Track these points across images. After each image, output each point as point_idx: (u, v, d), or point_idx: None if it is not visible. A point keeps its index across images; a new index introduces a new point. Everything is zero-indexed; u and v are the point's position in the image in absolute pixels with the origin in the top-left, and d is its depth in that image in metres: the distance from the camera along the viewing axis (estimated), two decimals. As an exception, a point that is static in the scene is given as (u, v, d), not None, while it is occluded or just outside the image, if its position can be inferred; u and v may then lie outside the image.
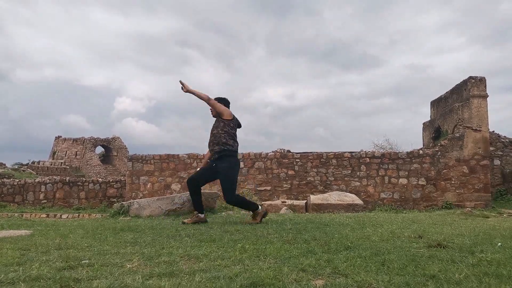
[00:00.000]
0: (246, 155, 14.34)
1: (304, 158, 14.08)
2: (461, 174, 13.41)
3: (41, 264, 2.28)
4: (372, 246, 2.90)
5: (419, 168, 13.57)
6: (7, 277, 1.97)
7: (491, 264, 2.31)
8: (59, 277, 1.96)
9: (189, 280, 1.93)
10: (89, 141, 33.25)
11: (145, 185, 14.39)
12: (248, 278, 1.93)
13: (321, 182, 13.81)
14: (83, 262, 2.34)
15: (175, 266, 2.26)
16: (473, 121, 13.50)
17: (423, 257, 2.49)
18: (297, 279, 1.97)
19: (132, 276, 2.01)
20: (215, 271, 2.10)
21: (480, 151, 13.46)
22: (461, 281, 1.93)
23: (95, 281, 1.91)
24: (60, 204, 15.09)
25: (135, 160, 14.70)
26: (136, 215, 6.37)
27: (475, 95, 13.58)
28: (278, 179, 13.99)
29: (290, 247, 2.88)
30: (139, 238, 3.42)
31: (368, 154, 13.98)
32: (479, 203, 12.98)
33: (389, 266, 2.24)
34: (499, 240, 3.31)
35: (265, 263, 2.31)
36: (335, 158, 13.96)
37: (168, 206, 6.22)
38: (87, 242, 3.24)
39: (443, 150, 13.60)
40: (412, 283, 1.90)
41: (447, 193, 13.38)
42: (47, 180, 15.63)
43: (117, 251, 2.74)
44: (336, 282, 1.92)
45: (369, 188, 13.62)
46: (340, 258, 2.46)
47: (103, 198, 15.33)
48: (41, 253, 2.71)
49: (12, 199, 15.11)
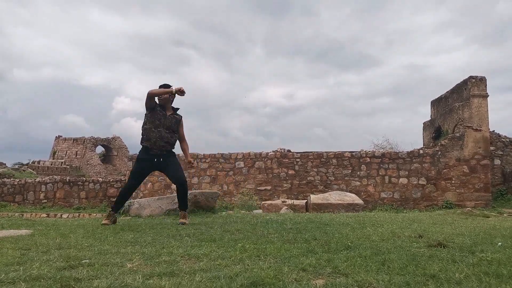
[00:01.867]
0: (246, 155, 14.34)
1: (305, 157, 14.08)
2: (461, 173, 13.40)
3: (42, 264, 2.28)
4: (373, 246, 2.90)
5: (419, 167, 13.57)
6: (8, 277, 1.97)
7: (491, 263, 2.31)
8: (60, 277, 1.96)
9: (189, 280, 1.93)
10: (89, 141, 33.26)
11: (146, 184, 14.39)
12: (249, 277, 1.93)
13: (321, 182, 13.81)
14: (83, 262, 2.34)
15: (176, 265, 2.26)
16: (473, 120, 13.49)
17: (424, 257, 2.49)
18: (298, 278, 1.97)
19: (132, 275, 2.01)
20: (215, 271, 2.11)
21: (480, 150, 13.46)
22: (461, 280, 1.93)
23: (96, 280, 1.91)
24: (60, 203, 15.09)
25: (135, 160, 14.69)
26: (136, 215, 6.38)
27: (476, 94, 13.57)
28: (279, 178, 13.99)
29: (290, 246, 2.88)
30: (139, 238, 3.42)
31: (368, 154, 13.98)
32: (479, 202, 12.97)
33: (389, 265, 2.24)
34: (500, 239, 3.31)
35: (265, 263, 2.31)
36: (336, 158, 13.96)
37: (169, 205, 6.22)
38: (87, 241, 3.24)
39: (444, 149, 13.59)
40: (413, 282, 1.90)
41: (448, 192, 13.38)
42: (47, 180, 15.63)
43: (118, 251, 2.74)
44: (336, 281, 1.92)
45: (369, 188, 13.62)
46: (341, 257, 2.46)
47: (103, 198, 15.33)
48: (41, 252, 2.71)
49: (12, 199, 15.12)
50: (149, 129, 4.71)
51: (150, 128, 4.71)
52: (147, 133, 4.73)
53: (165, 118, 4.76)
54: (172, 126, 4.80)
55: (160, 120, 4.73)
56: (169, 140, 4.78)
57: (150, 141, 4.71)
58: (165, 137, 4.73)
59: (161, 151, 4.75)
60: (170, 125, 4.77)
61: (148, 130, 4.72)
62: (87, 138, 33.54)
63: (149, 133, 4.71)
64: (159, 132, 4.70)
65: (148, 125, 4.73)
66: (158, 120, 4.72)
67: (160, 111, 4.76)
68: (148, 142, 4.73)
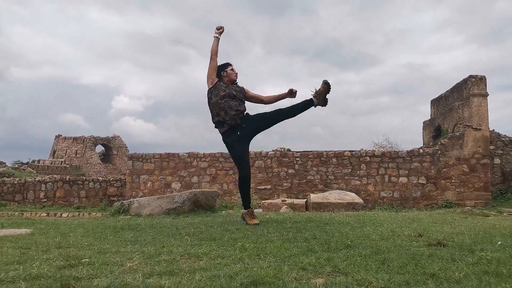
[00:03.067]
0: (246, 154, 14.33)
1: (304, 157, 14.08)
2: (461, 173, 13.41)
3: (42, 263, 2.28)
4: (372, 245, 2.90)
5: (419, 167, 13.57)
6: (8, 276, 1.97)
7: (491, 262, 2.30)
8: (60, 276, 1.96)
9: (189, 279, 1.93)
10: (89, 140, 33.26)
11: (145, 184, 14.40)
12: (248, 276, 1.93)
13: (321, 181, 13.82)
14: (83, 261, 2.34)
15: (176, 264, 2.26)
16: (473, 120, 13.50)
17: (423, 256, 2.49)
18: (297, 277, 1.97)
19: (132, 274, 2.01)
20: (215, 270, 2.11)
21: (480, 150, 13.46)
22: (461, 279, 1.93)
23: (96, 279, 1.91)
24: (60, 203, 15.10)
25: (135, 159, 14.70)
26: (136, 214, 6.38)
27: (476, 93, 13.57)
28: (278, 177, 14.00)
29: (290, 245, 2.88)
30: (139, 237, 3.42)
31: (368, 153, 13.98)
32: (479, 201, 12.98)
33: (389, 264, 2.24)
34: (499, 238, 3.31)
35: (265, 262, 2.31)
36: (335, 157, 13.96)
37: (169, 205, 6.22)
38: (87, 240, 3.24)
39: (443, 149, 13.60)
40: (412, 281, 1.90)
41: (447, 191, 13.38)
42: (47, 179, 15.64)
43: (118, 250, 2.74)
44: (336, 280, 1.92)
45: (369, 187, 13.62)
46: (340, 256, 2.46)
47: (103, 197, 15.34)
48: (41, 251, 2.71)
49: (12, 198, 15.12)
50: (215, 102, 4.41)
51: (217, 101, 4.40)
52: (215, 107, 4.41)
53: (229, 87, 4.46)
54: (238, 95, 4.51)
55: (225, 90, 4.43)
56: (239, 108, 4.48)
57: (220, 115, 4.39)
58: (234, 106, 4.41)
59: (235, 121, 4.40)
60: (235, 94, 4.48)
61: (214, 103, 4.41)
62: (87, 137, 33.54)
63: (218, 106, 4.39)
64: (226, 102, 4.40)
65: (214, 98, 4.43)
66: (223, 91, 4.42)
67: (222, 84, 4.48)
68: (220, 116, 4.40)
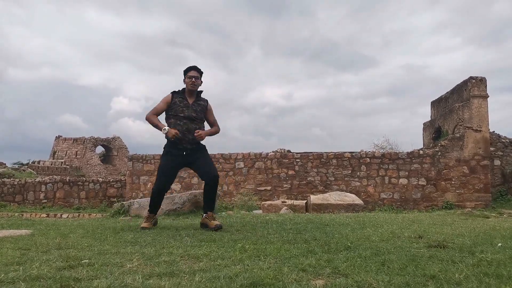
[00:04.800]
0: (246, 155, 14.34)
1: (304, 158, 14.08)
2: (461, 174, 13.40)
3: (41, 264, 2.28)
4: (372, 246, 2.90)
5: (419, 168, 13.57)
6: (8, 277, 1.97)
7: (491, 264, 2.30)
8: (59, 277, 1.96)
9: (189, 280, 1.93)
10: (89, 141, 33.24)
11: (146, 184, 14.40)
12: (248, 278, 1.93)
13: (321, 182, 13.81)
14: (83, 262, 2.34)
15: (175, 265, 2.26)
16: (473, 121, 13.50)
17: (423, 257, 2.49)
18: (297, 279, 1.97)
19: (132, 275, 2.01)
20: (215, 271, 2.11)
21: (480, 151, 13.46)
22: (461, 281, 1.93)
23: (95, 280, 1.91)
24: (60, 203, 15.09)
25: (135, 160, 14.70)
26: (136, 215, 6.38)
27: (476, 95, 13.58)
28: (278, 179, 13.99)
29: (290, 247, 2.88)
30: (139, 238, 3.41)
31: (368, 154, 13.98)
32: (479, 203, 12.98)
33: (389, 266, 2.24)
34: (499, 240, 3.31)
35: (265, 263, 2.31)
36: (335, 158, 13.96)
37: (169, 206, 6.22)
38: (87, 241, 3.24)
39: (443, 150, 13.59)
40: (412, 283, 1.90)
41: (447, 193, 13.38)
42: (47, 180, 15.63)
43: (117, 251, 2.74)
44: (336, 282, 1.92)
45: (369, 188, 13.62)
46: (340, 258, 2.46)
47: (103, 198, 15.33)
48: (41, 252, 2.71)
49: (12, 199, 15.12)
50: (174, 123, 4.20)
51: (175, 122, 4.20)
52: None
53: (188, 107, 4.25)
54: (198, 115, 4.28)
55: (183, 111, 4.22)
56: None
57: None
58: (192, 129, 4.19)
59: (191, 145, 4.20)
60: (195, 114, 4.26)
61: (173, 124, 4.19)
62: (87, 138, 33.51)
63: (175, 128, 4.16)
64: (185, 124, 4.18)
65: (173, 119, 4.23)
66: (181, 112, 4.22)
67: (181, 101, 4.25)
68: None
